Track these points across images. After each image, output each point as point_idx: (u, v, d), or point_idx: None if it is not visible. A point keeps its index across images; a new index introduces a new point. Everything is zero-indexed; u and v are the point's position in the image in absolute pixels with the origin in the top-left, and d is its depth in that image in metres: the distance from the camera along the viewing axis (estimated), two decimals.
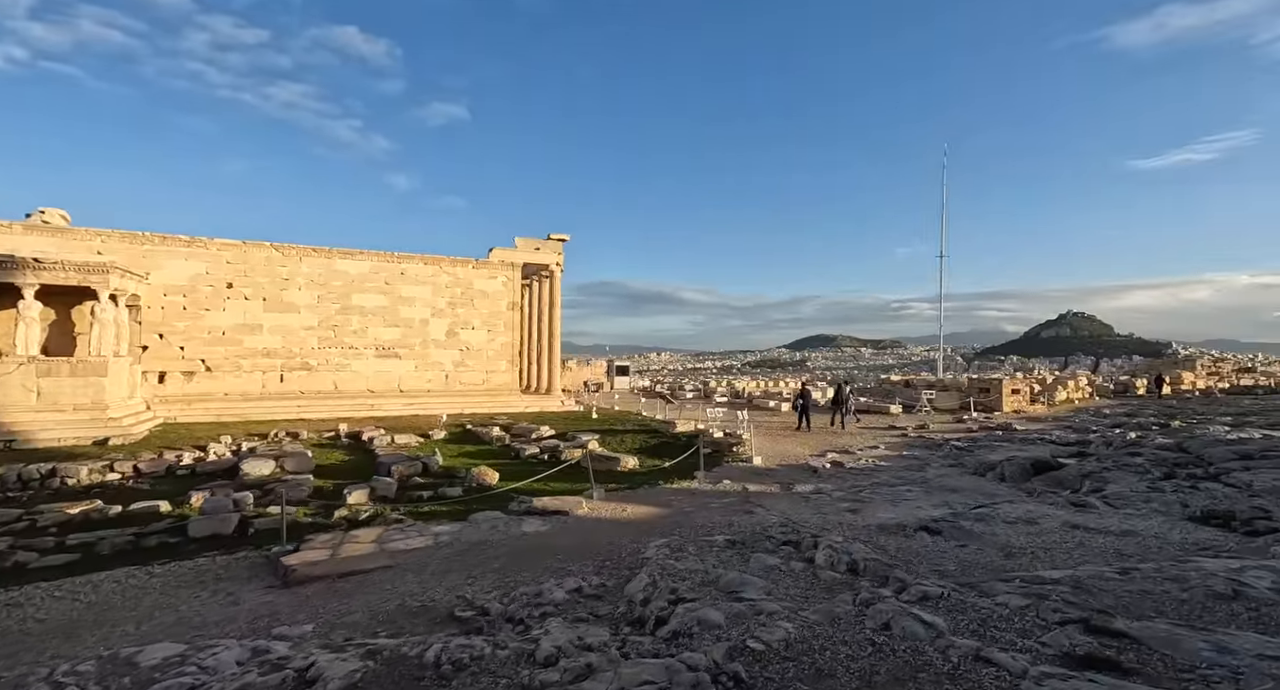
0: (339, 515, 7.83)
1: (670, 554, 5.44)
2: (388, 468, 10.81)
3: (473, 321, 21.81)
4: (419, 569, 5.31)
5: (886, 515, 7.17)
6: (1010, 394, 23.19)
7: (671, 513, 7.58)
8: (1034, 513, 6.46)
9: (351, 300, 20.08)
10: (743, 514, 7.26)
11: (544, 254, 22.89)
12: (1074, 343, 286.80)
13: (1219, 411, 18.02)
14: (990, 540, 5.61)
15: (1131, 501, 6.62)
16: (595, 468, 11.49)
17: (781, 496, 8.52)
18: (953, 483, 9.20)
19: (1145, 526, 5.82)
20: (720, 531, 6.41)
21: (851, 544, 5.36)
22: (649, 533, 6.52)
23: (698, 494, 8.92)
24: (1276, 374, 40.43)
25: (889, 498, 8.22)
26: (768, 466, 11.11)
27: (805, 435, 15.58)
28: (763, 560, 5.17)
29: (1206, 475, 7.29)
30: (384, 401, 19.82)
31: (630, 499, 8.34)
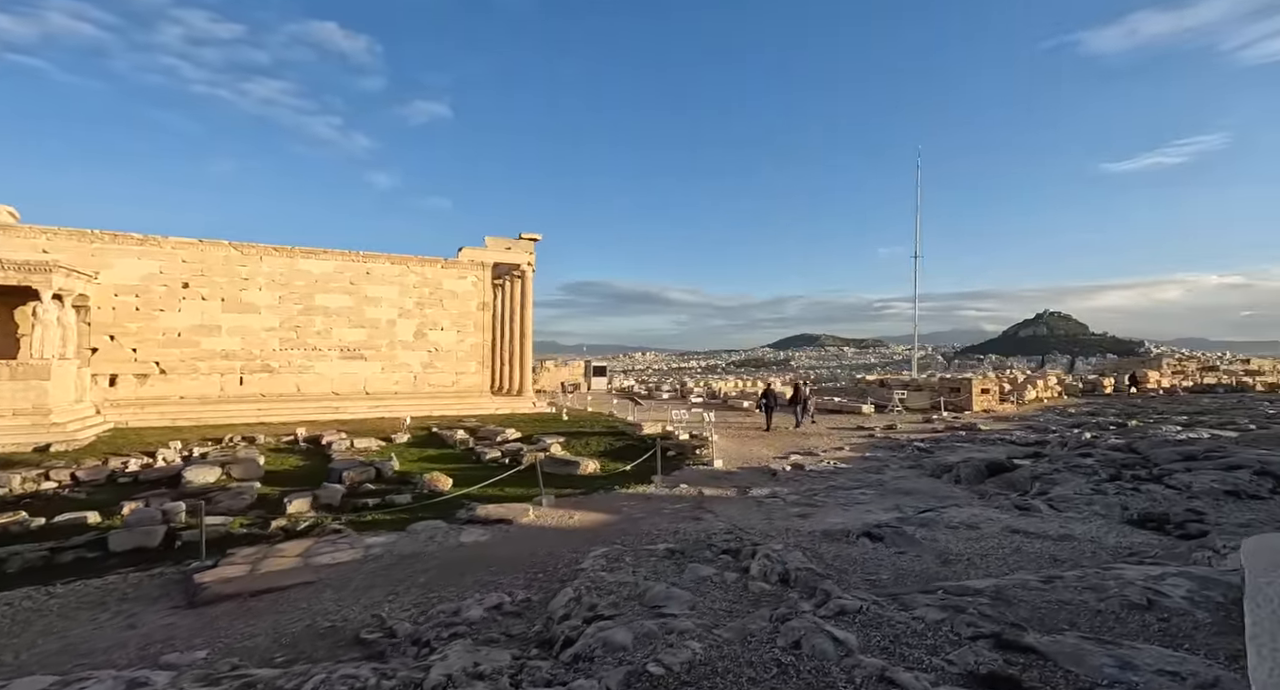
0: (276, 526, 7.53)
1: (606, 565, 5.28)
2: (339, 474, 10.50)
3: (442, 322, 21.42)
4: (341, 585, 5.08)
5: (835, 520, 7.11)
6: (980, 393, 23.51)
7: (620, 519, 7.43)
8: (978, 517, 6.43)
9: (315, 300, 19.57)
10: (691, 521, 7.14)
11: (515, 253, 22.59)
12: (1051, 342, 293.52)
13: (1178, 410, 18.44)
14: (930, 546, 5.55)
15: (1075, 504, 6.64)
16: (554, 472, 11.33)
17: (735, 501, 8.43)
18: (909, 485, 9.20)
19: (1083, 530, 5.82)
20: (664, 539, 6.28)
21: (789, 552, 5.26)
22: (593, 541, 6.37)
23: (653, 499, 8.78)
24: (1238, 373, 41.67)
25: (842, 501, 8.17)
26: (728, 469, 11.03)
27: (772, 436, 15.56)
28: (697, 571, 5.04)
29: (1150, 477, 7.36)
30: (349, 404, 19.36)
31: (581, 505, 8.17)
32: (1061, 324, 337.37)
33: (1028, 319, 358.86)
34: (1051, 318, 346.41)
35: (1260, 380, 35.82)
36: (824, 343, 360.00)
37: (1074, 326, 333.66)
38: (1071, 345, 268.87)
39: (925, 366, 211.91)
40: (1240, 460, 7.24)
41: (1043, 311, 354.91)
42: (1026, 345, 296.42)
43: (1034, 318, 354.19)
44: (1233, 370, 43.18)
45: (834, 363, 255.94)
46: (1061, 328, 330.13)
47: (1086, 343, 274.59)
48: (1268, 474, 6.83)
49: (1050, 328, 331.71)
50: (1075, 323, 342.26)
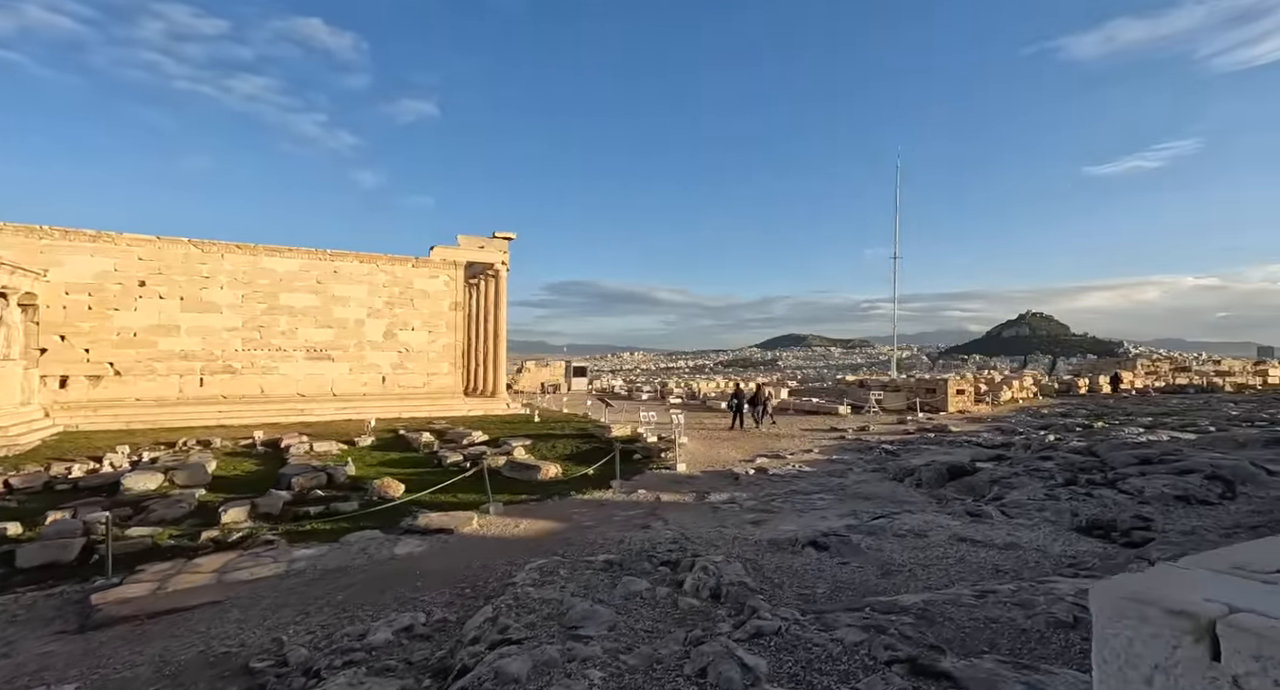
0: (206, 537, 7.17)
1: (539, 579, 5.05)
2: (289, 480, 10.13)
3: (412, 322, 21.00)
4: (250, 604, 4.78)
5: (787, 527, 6.93)
6: (955, 395, 23.60)
7: (568, 528, 7.19)
8: (928, 524, 6.29)
9: (280, 300, 19.05)
10: (640, 529, 6.92)
11: (489, 252, 22.22)
12: (1033, 342, 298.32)
13: (1146, 411, 18.63)
14: (874, 557, 5.39)
15: (1026, 510, 6.53)
16: (515, 477, 11.06)
17: (691, 507, 8.23)
18: (869, 489, 9.07)
19: (1030, 538, 5.70)
20: (606, 550, 6.06)
21: (728, 565, 5.06)
22: (533, 552, 6.12)
23: (607, 505, 8.55)
24: (1209, 373, 42.48)
25: (799, 507, 8.01)
26: (691, 473, 10.84)
27: (744, 438, 15.41)
28: (630, 585, 4.83)
29: (1105, 481, 7.29)
30: (315, 406, 18.88)
31: (531, 513, 7.92)
32: (1044, 325, 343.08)
33: (1011, 320, 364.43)
34: (1034, 318, 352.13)
35: (1229, 381, 36.54)
36: (811, 343, 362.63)
37: (1056, 327, 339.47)
38: (1053, 345, 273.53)
39: (910, 366, 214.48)
40: (1193, 464, 7.19)
41: (1026, 312, 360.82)
42: (1010, 346, 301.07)
43: (1017, 318, 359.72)
44: (1204, 371, 44.02)
45: (821, 363, 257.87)
46: (1044, 328, 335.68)
47: (1068, 343, 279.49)
48: (1218, 478, 6.77)
49: (1033, 328, 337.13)
50: (1057, 323, 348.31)
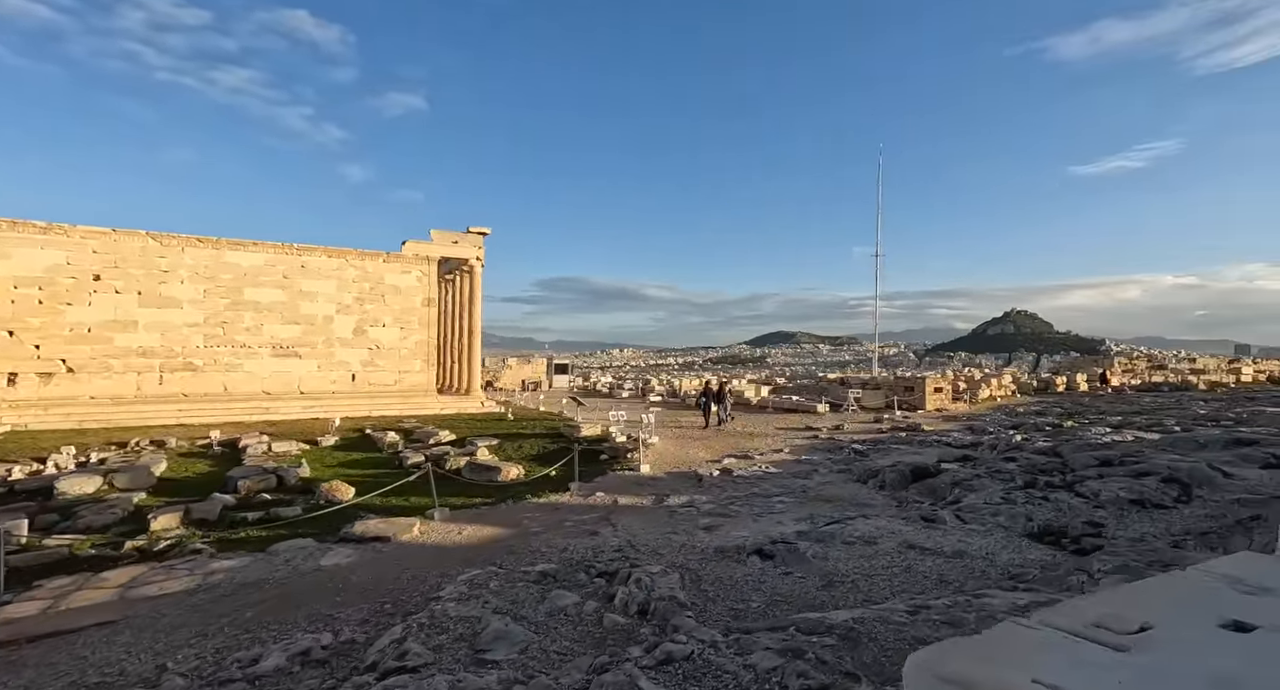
0: (131, 546, 6.81)
1: (465, 593, 4.78)
2: (235, 483, 9.75)
3: (384, 318, 20.52)
4: (147, 624, 4.46)
5: (739, 533, 6.72)
6: (933, 393, 23.61)
7: (514, 535, 6.92)
8: (880, 530, 6.11)
9: (244, 295, 18.49)
10: (588, 535, 6.67)
11: (463, 248, 21.77)
12: (1018, 339, 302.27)
13: (1118, 410, 18.73)
14: (819, 566, 5.19)
15: (981, 515, 6.37)
16: (474, 478, 10.75)
17: (647, 511, 8.00)
18: (832, 491, 8.90)
19: (980, 546, 5.53)
20: (546, 560, 5.80)
21: (664, 577, 4.82)
22: (469, 562, 5.85)
23: (561, 509, 8.29)
24: (1184, 371, 43.10)
25: (758, 511, 7.81)
26: (654, 475, 10.60)
27: (716, 438, 15.21)
28: (559, 600, 4.58)
29: (1064, 483, 7.17)
30: (281, 404, 18.38)
31: (479, 518, 7.63)
32: (1028, 322, 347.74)
33: (996, 317, 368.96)
34: (1019, 316, 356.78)
35: (1203, 379, 37.04)
36: (800, 340, 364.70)
37: (1040, 325, 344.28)
38: (1037, 343, 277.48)
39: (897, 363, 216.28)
40: (1151, 466, 7.09)
41: (1010, 310, 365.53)
42: (994, 343, 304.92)
43: (1002, 316, 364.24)
44: (1180, 369, 44.64)
45: (809, 360, 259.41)
46: (1028, 326, 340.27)
47: (1051, 341, 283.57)
48: (1174, 481, 6.67)
49: (1017, 326, 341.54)
50: (1041, 321, 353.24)
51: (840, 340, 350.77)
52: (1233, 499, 6.14)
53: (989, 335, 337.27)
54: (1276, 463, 7.27)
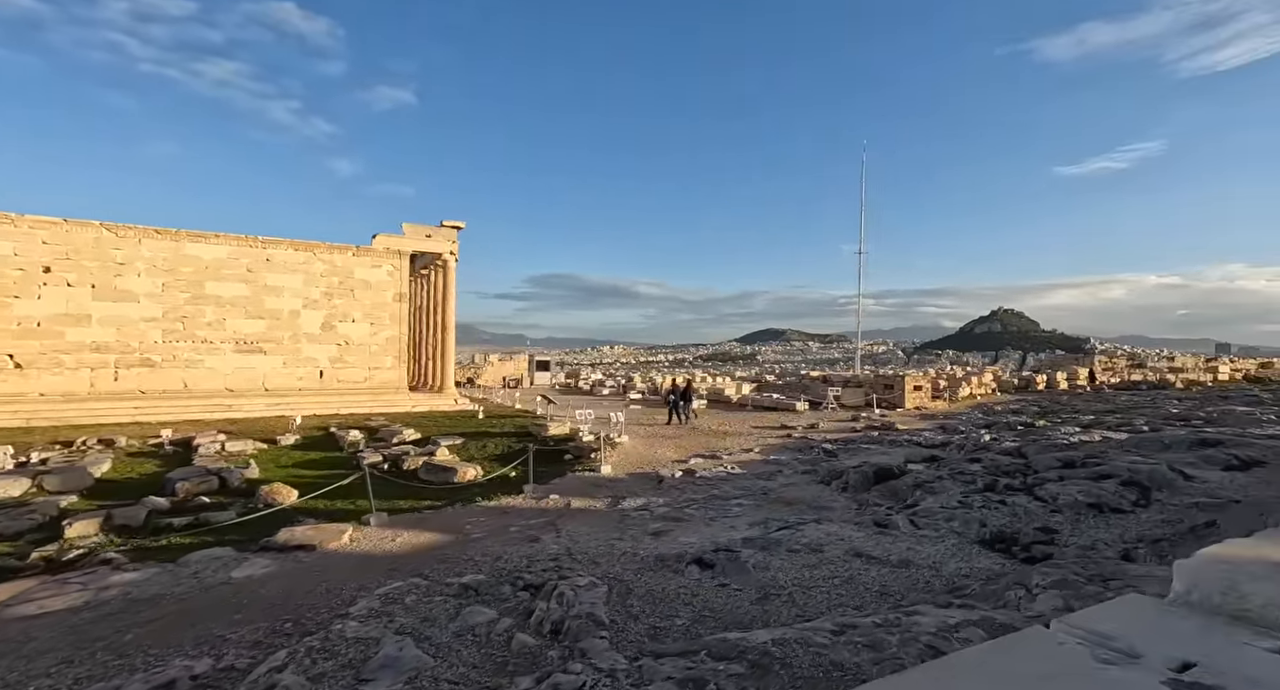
0: (39, 555, 6.38)
1: (376, 609, 4.44)
2: (174, 485, 9.31)
3: (353, 314, 20.01)
4: (10, 650, 4.07)
5: (687, 539, 6.45)
6: (912, 391, 23.53)
7: (452, 542, 6.58)
8: (830, 537, 5.85)
9: (205, 288, 17.91)
10: (528, 542, 6.35)
11: (436, 242, 21.28)
12: (1004, 338, 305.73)
13: (1092, 408, 18.73)
14: (757, 578, 4.91)
15: (935, 520, 6.14)
16: (430, 479, 10.39)
17: (598, 515, 7.69)
18: (794, 493, 8.64)
19: (929, 554, 5.28)
20: (476, 569, 5.47)
21: (589, 591, 4.52)
22: (394, 573, 5.51)
23: (510, 513, 7.97)
24: (1162, 370, 43.57)
25: (712, 514, 7.54)
26: (615, 476, 10.31)
27: (686, 436, 14.94)
28: (471, 618, 4.26)
29: (1023, 486, 6.96)
30: (245, 402, 17.84)
31: (419, 523, 7.28)
32: (1015, 321, 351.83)
33: (983, 316, 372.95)
34: (1005, 315, 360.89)
35: (1181, 377, 37.43)
36: (790, 337, 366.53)
37: (1026, 324, 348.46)
38: (1023, 341, 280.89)
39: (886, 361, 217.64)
40: (1111, 469, 6.90)
41: (997, 309, 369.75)
42: (982, 341, 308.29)
43: (989, 315, 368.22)
44: (1158, 368, 45.16)
45: (799, 357, 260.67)
46: (1014, 324, 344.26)
47: (1037, 339, 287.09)
48: (1134, 484, 6.48)
49: (1004, 324, 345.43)
50: (1027, 320, 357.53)
51: (830, 338, 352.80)
52: (1191, 503, 5.95)
53: (976, 334, 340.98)
54: (1238, 464, 7.12)
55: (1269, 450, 7.54)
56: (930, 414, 20.62)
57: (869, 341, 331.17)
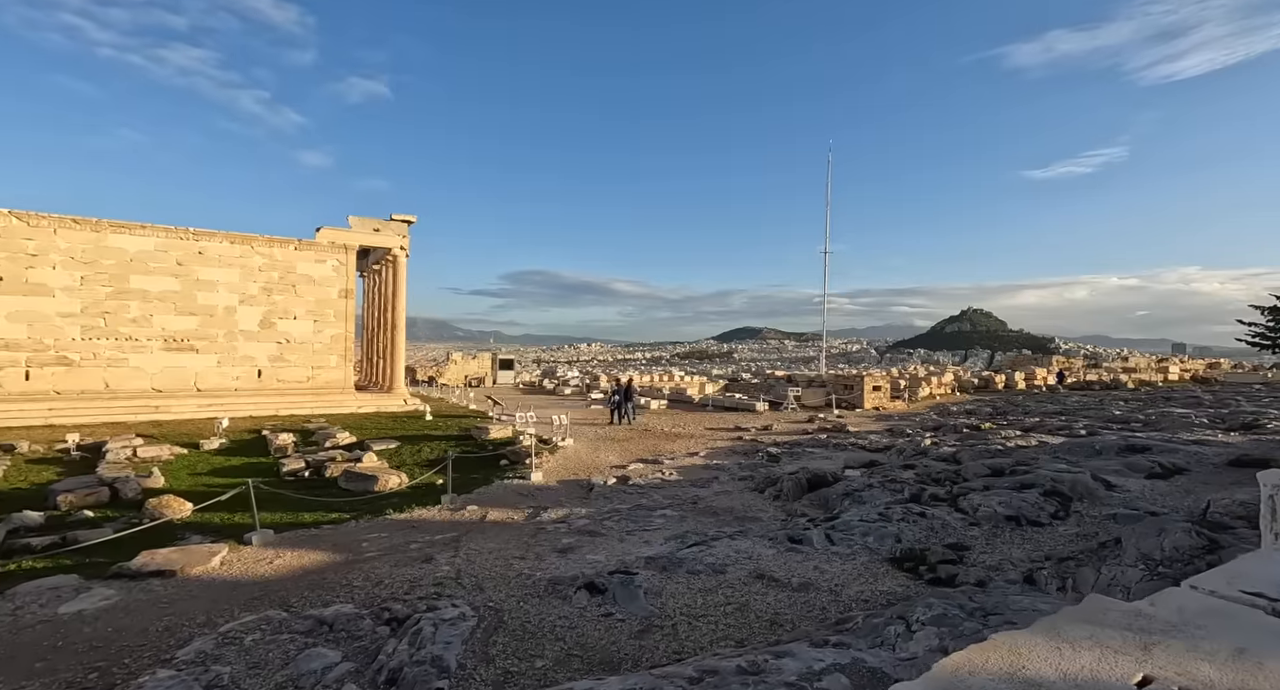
0: None
1: (208, 652, 3.94)
2: (55, 497, 8.53)
3: (295, 310, 19.08)
4: None
5: (594, 557, 6.04)
6: (871, 391, 23.60)
7: (338, 563, 6.06)
8: (738, 555, 5.51)
9: (130, 283, 16.81)
10: (421, 562, 5.87)
11: (385, 236, 20.45)
12: (974, 337, 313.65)
13: (1041, 409, 18.97)
14: (646, 605, 4.53)
15: (851, 535, 5.86)
16: (349, 487, 9.80)
17: (511, 529, 7.24)
18: (724, 502, 8.33)
19: (835, 574, 4.98)
20: (346, 598, 4.99)
21: (452, 627, 4.08)
22: (255, 603, 4.98)
23: (418, 527, 7.46)
24: (1117, 370, 44.94)
25: (630, 528, 7.15)
26: (545, 483, 9.86)
27: (635, 439, 14.53)
28: (305, 664, 3.79)
29: (947, 496, 6.75)
30: (174, 403, 16.83)
31: (310, 541, 6.72)
32: (984, 320, 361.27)
33: (953, 315, 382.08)
34: (975, 314, 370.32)
35: (1133, 377, 38.57)
36: (766, 336, 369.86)
37: (994, 323, 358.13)
38: (992, 340, 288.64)
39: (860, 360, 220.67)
40: (1036, 477, 6.73)
41: (967, 308, 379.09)
42: (952, 340, 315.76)
43: (959, 314, 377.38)
44: (1113, 368, 46.57)
45: (775, 355, 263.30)
46: (983, 324, 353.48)
47: (1005, 338, 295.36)
48: (1056, 494, 6.31)
49: (973, 324, 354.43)
50: (995, 319, 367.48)
51: (805, 336, 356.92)
52: (1109, 514, 5.79)
53: (947, 332, 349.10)
54: (1161, 472, 7.03)
55: (1192, 457, 7.49)
56: (887, 415, 20.67)
57: (844, 340, 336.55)
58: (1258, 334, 39.49)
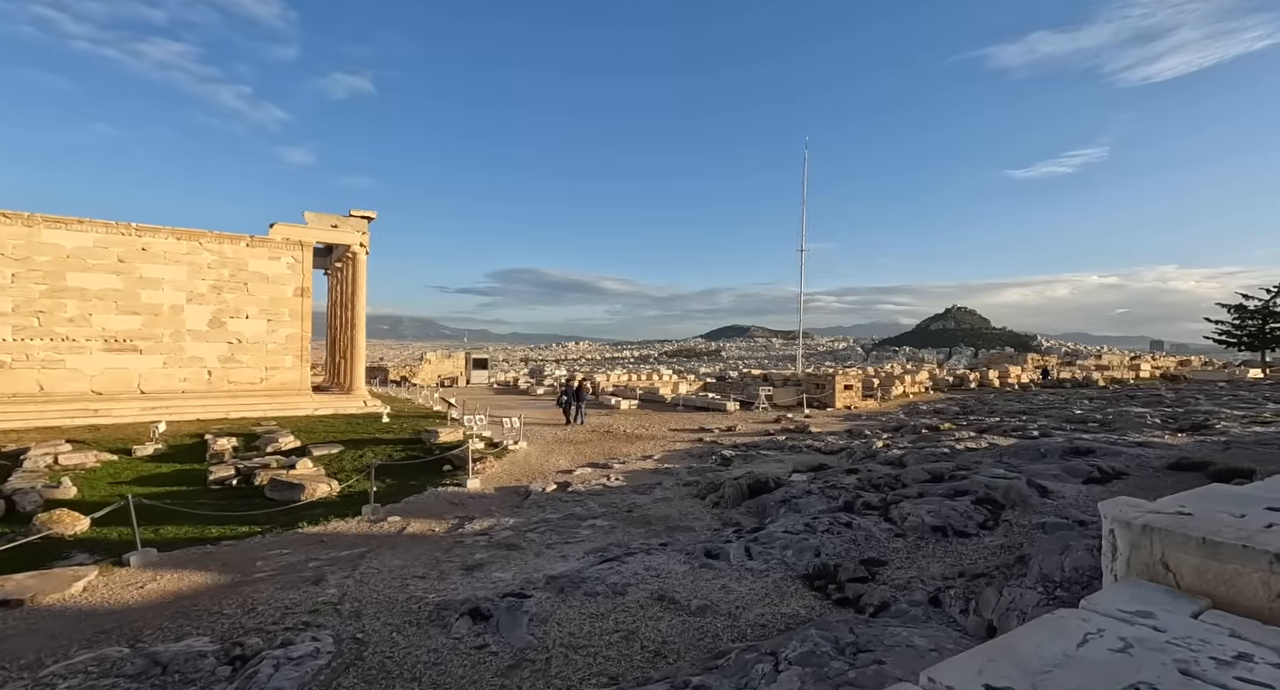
0: None
1: None
2: None
3: (247, 309, 18.41)
4: None
5: (500, 575, 5.67)
6: (842, 390, 23.46)
7: (220, 586, 5.61)
8: (647, 572, 5.17)
9: (67, 280, 16.07)
10: (308, 585, 5.44)
11: (344, 233, 19.82)
12: (958, 335, 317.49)
13: (1009, 408, 18.93)
14: (527, 634, 4.16)
15: (772, 548, 5.54)
16: (275, 497, 9.31)
17: (425, 543, 6.84)
18: (660, 511, 7.99)
19: (740, 594, 4.65)
20: (206, 630, 4.58)
21: (297, 666, 3.70)
22: (104, 637, 4.54)
23: (328, 541, 7.02)
24: (1090, 368, 45.47)
25: (553, 540, 6.78)
26: (482, 491, 9.46)
27: (593, 441, 14.16)
28: None
29: (880, 504, 6.47)
30: (116, 406, 16.13)
31: (200, 561, 6.27)
32: (968, 318, 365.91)
33: (938, 313, 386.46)
34: (959, 312, 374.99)
35: (1105, 375, 38.99)
36: (754, 334, 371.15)
37: (978, 321, 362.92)
38: (976, 338, 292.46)
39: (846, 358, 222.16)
40: (971, 484, 6.48)
41: (951, 306, 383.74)
42: (937, 338, 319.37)
43: (944, 312, 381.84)
44: (1086, 365, 47.13)
45: (762, 353, 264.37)
46: (967, 322, 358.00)
47: (989, 336, 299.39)
48: (989, 501, 6.05)
49: (958, 321, 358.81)
50: (979, 317, 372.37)
51: (793, 334, 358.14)
52: (1038, 523, 5.53)
53: (932, 330, 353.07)
54: (1100, 477, 6.82)
55: (1134, 460, 7.29)
56: (856, 414, 20.53)
57: (831, 338, 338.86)
58: (1224, 332, 40.18)
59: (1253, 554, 1.77)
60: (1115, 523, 2.13)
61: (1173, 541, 1.94)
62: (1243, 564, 1.77)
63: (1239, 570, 1.77)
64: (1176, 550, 1.93)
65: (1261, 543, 1.80)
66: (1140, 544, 2.04)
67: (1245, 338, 38.57)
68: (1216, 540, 1.86)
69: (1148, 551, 2.01)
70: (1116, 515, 2.15)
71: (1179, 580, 1.92)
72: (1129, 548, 2.08)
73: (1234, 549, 1.81)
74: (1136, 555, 2.05)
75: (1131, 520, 2.10)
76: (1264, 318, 37.50)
